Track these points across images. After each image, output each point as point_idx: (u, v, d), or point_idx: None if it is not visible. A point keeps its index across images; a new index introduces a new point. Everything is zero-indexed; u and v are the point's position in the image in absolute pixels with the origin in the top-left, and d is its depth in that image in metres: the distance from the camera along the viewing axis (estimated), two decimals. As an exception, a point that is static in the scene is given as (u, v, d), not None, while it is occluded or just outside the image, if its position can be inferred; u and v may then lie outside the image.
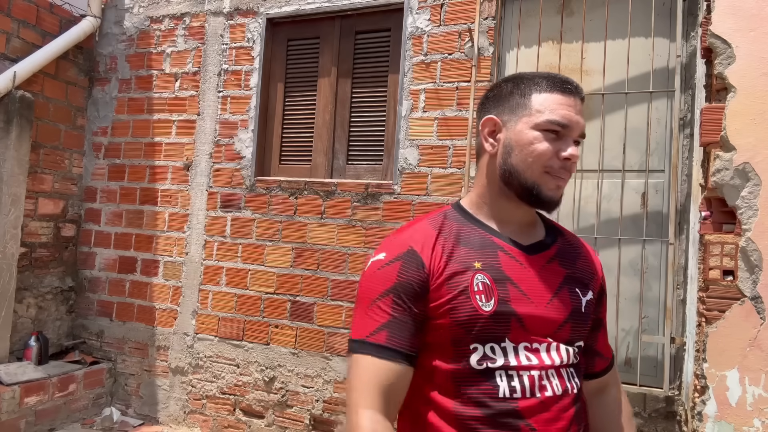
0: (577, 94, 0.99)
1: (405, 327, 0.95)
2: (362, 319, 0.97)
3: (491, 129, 1.03)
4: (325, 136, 3.40)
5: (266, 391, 3.29)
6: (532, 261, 1.01)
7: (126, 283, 3.77)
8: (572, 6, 2.88)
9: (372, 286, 0.98)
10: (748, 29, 1.95)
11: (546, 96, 0.98)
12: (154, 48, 3.83)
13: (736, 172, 1.92)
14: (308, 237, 3.28)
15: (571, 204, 2.80)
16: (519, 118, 0.99)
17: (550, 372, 0.95)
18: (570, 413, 0.95)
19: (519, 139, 0.98)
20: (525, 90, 1.00)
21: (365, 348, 0.94)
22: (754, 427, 1.84)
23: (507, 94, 1.02)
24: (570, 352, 0.99)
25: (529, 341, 0.96)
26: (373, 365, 0.93)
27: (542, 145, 0.96)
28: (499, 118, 1.02)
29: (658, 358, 2.58)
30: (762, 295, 1.87)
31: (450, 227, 1.02)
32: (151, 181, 3.76)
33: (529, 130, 0.97)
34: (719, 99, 1.99)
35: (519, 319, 0.96)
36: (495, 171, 1.02)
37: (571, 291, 1.02)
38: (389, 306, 0.95)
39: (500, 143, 1.01)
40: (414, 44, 3.12)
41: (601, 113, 2.73)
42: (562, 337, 0.99)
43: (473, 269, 0.97)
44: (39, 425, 3.22)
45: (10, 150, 3.32)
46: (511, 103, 1.01)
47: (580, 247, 1.12)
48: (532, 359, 0.95)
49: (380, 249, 1.03)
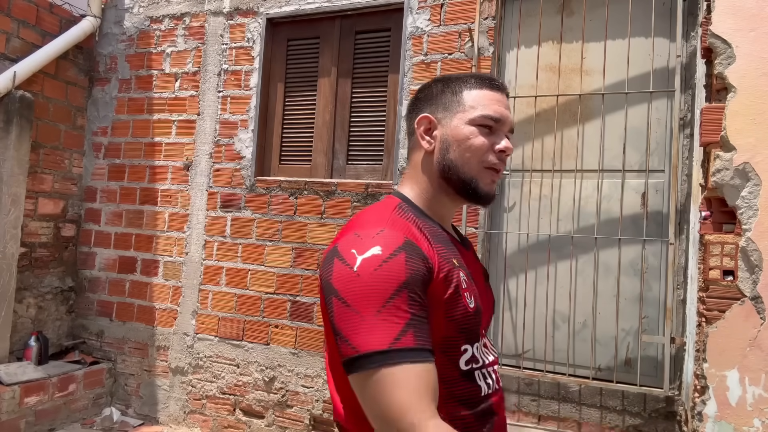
0: (503, 90, 1.02)
1: (425, 323, 0.84)
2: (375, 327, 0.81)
3: (427, 127, 1.04)
4: (325, 136, 3.40)
5: (266, 391, 3.29)
6: (469, 257, 1.05)
7: (126, 283, 3.77)
8: (572, 6, 2.88)
9: (378, 286, 0.83)
10: (748, 29, 1.95)
11: (477, 92, 1.00)
12: (154, 48, 3.83)
13: (736, 172, 1.92)
14: (308, 237, 3.28)
15: (571, 204, 2.80)
16: (453, 115, 1.00)
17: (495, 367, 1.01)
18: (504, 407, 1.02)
19: (456, 135, 0.99)
20: (456, 88, 1.02)
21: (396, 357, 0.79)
22: (754, 427, 1.84)
23: (438, 93, 1.03)
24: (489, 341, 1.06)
25: (482, 337, 1.01)
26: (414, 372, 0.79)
27: (478, 139, 0.98)
28: (433, 116, 1.03)
29: (658, 358, 2.58)
30: (762, 295, 1.87)
31: (416, 221, 0.97)
32: (151, 181, 3.76)
33: (465, 126, 0.99)
34: (719, 99, 1.99)
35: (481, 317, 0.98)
36: (433, 168, 1.02)
37: (487, 284, 1.08)
38: (406, 303, 0.82)
39: (437, 140, 1.02)
40: (414, 44, 3.12)
41: (601, 113, 2.73)
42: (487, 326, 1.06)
43: (455, 266, 0.94)
44: (39, 425, 3.22)
45: (10, 150, 3.32)
46: (443, 101, 1.02)
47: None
48: (486, 355, 1.00)
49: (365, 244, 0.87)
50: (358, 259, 0.85)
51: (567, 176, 2.83)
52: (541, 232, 2.84)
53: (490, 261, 2.95)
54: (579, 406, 2.66)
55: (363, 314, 0.82)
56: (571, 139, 2.83)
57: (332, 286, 0.86)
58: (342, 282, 0.85)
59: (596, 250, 2.71)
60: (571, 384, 2.67)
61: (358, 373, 0.80)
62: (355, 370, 0.81)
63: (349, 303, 0.83)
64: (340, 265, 0.86)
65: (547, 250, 2.80)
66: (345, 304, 0.83)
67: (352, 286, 0.84)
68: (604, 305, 2.69)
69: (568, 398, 2.68)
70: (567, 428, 2.66)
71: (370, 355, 0.79)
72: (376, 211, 0.97)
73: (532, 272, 2.84)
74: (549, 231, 2.83)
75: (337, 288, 0.85)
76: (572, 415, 2.66)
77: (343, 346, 0.82)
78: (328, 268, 0.88)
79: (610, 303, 2.67)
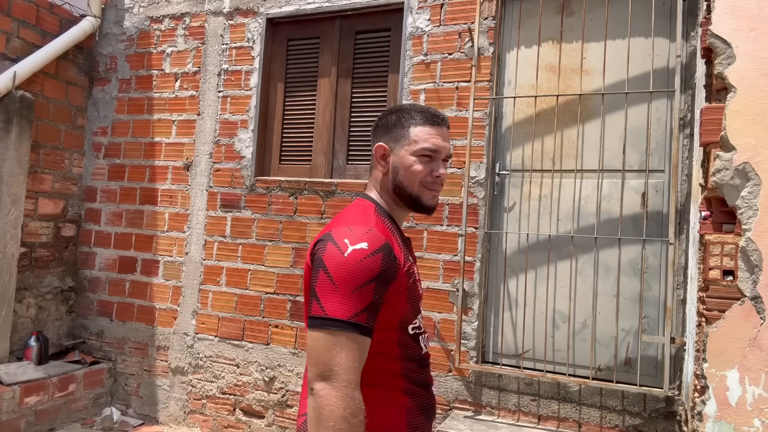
0: (443, 124, 1.31)
1: (376, 309, 1.14)
2: (346, 301, 1.10)
3: (382, 153, 1.32)
4: (325, 136, 3.40)
5: (266, 391, 3.29)
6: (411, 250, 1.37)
7: (126, 283, 3.77)
8: (572, 6, 2.88)
9: (358, 273, 1.12)
10: (748, 29, 1.95)
11: (420, 128, 1.29)
12: (154, 48, 3.83)
13: (736, 172, 1.92)
14: (308, 237, 3.28)
15: (571, 204, 2.80)
16: (402, 147, 1.30)
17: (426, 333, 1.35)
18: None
19: (402, 163, 1.29)
20: (405, 123, 1.30)
21: (350, 327, 1.09)
22: (754, 427, 1.84)
23: (392, 126, 1.32)
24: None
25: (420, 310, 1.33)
26: (357, 343, 1.09)
27: (419, 167, 1.28)
28: (387, 146, 1.32)
29: (658, 358, 2.58)
30: (762, 295, 1.87)
31: (388, 225, 1.28)
32: (151, 181, 3.76)
33: (410, 156, 1.28)
34: (719, 99, 1.99)
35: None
36: (388, 185, 1.32)
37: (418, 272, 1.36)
38: (372, 292, 1.12)
39: (390, 165, 1.31)
40: (414, 44, 3.12)
41: (601, 113, 2.73)
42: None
43: (411, 261, 1.29)
44: (39, 425, 3.22)
45: (10, 150, 3.32)
46: (395, 133, 1.31)
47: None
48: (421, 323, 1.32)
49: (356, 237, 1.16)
50: (349, 249, 1.14)
51: (567, 176, 2.83)
52: (541, 232, 2.84)
53: (490, 261, 2.95)
54: (579, 406, 2.66)
55: (340, 289, 1.10)
56: (571, 139, 2.83)
57: (323, 261, 1.13)
58: (332, 261, 1.13)
59: (596, 250, 2.71)
60: (571, 384, 2.67)
61: (318, 329, 1.10)
62: (317, 326, 1.10)
63: (333, 278, 1.11)
64: (333, 249, 1.14)
65: (547, 250, 2.80)
66: (329, 278, 1.12)
67: (340, 267, 1.12)
68: (604, 305, 2.69)
69: (568, 398, 2.68)
70: (567, 428, 2.67)
71: (334, 319, 1.09)
72: (362, 212, 1.27)
73: (532, 272, 2.84)
74: (549, 231, 2.83)
75: (327, 264, 1.13)
76: (572, 415, 2.66)
77: (315, 307, 1.11)
78: (323, 247, 1.16)
79: (610, 303, 2.67)
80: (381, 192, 1.34)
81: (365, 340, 1.11)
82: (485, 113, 2.94)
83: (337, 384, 1.06)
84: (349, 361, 1.07)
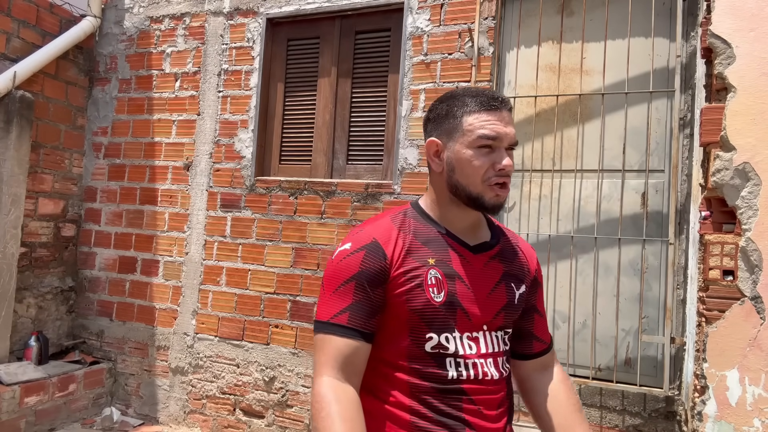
0: (503, 108, 1.11)
1: (363, 309, 1.08)
2: (327, 302, 1.10)
3: (435, 150, 1.17)
4: (325, 136, 3.40)
5: (266, 391, 3.29)
6: (477, 259, 1.16)
7: (126, 283, 3.77)
8: (572, 6, 2.88)
9: (337, 273, 1.11)
10: (748, 29, 1.95)
11: (475, 116, 1.10)
12: (154, 48, 3.83)
13: (736, 172, 1.92)
14: (308, 237, 3.28)
15: (571, 204, 2.80)
16: (455, 140, 1.12)
17: (488, 360, 1.12)
18: (503, 393, 1.14)
19: (458, 159, 1.12)
20: (456, 111, 1.13)
21: (329, 328, 1.08)
22: (754, 427, 1.84)
23: (443, 116, 1.15)
24: (500, 338, 1.17)
25: (470, 330, 1.12)
26: (335, 342, 1.06)
27: (478, 161, 1.10)
28: (439, 140, 1.15)
29: (658, 358, 2.58)
30: (762, 295, 1.87)
31: (409, 225, 1.16)
32: (151, 181, 3.76)
33: (465, 150, 1.11)
34: (719, 99, 1.99)
35: (464, 311, 1.12)
36: (443, 184, 1.16)
37: (507, 285, 1.18)
38: (351, 291, 1.09)
39: (444, 162, 1.15)
40: (414, 44, 3.12)
41: (601, 113, 2.73)
42: (495, 325, 1.16)
43: (428, 265, 1.12)
44: (39, 425, 3.22)
45: (10, 150, 3.32)
46: (446, 125, 1.14)
47: (518, 245, 1.27)
48: (473, 347, 1.12)
49: (346, 240, 1.15)
50: (337, 251, 1.14)
51: (567, 176, 2.83)
52: (541, 232, 2.84)
53: (490, 261, 2.95)
54: (579, 406, 2.66)
55: (325, 291, 1.11)
56: (571, 139, 2.83)
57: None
58: (327, 265, 1.15)
59: (596, 250, 2.71)
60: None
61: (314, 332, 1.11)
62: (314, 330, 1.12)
63: (323, 281, 1.13)
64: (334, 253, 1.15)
65: (547, 250, 2.80)
66: (322, 281, 1.14)
67: (327, 270, 1.13)
68: (604, 305, 2.69)
69: (568, 398, 2.68)
70: (567, 428, 2.66)
71: (318, 322, 1.10)
72: (382, 213, 1.22)
73: (532, 272, 2.83)
74: (549, 231, 2.83)
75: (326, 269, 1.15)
76: (572, 415, 2.66)
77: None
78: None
79: (610, 303, 2.67)
80: (431, 192, 1.21)
81: (346, 341, 1.06)
82: (485, 113, 2.94)
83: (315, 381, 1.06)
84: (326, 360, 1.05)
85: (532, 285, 1.25)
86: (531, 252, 1.30)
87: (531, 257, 1.28)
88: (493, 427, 1.10)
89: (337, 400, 1.02)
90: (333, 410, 1.01)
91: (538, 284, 1.28)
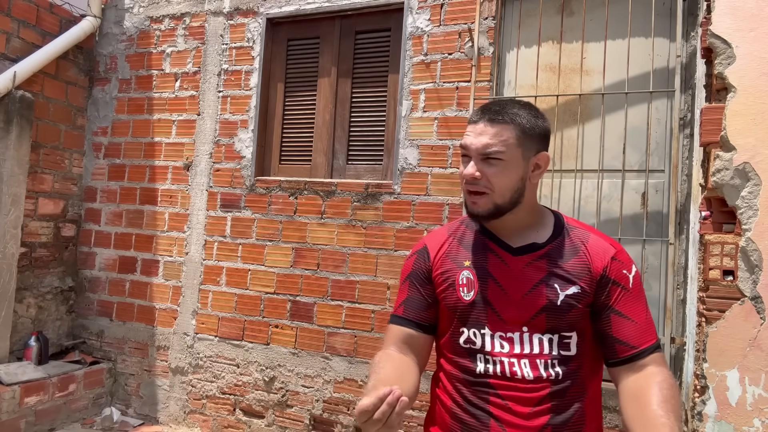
0: (480, 119, 1.17)
1: (415, 303, 1.28)
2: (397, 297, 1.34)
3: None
4: (325, 136, 3.40)
5: (266, 391, 3.29)
6: (516, 261, 1.21)
7: (126, 283, 3.77)
8: (572, 6, 2.88)
9: (402, 273, 1.34)
10: (748, 29, 1.95)
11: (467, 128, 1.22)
12: (154, 48, 3.83)
13: (736, 172, 1.92)
14: (308, 237, 3.28)
15: (571, 204, 2.80)
16: None
17: (524, 361, 1.15)
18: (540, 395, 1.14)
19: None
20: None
21: (392, 318, 1.32)
22: (754, 427, 1.84)
23: None
24: (547, 341, 1.17)
25: (504, 330, 1.18)
26: (393, 330, 1.29)
27: (460, 169, 1.21)
28: None
29: (658, 358, 2.58)
30: (762, 295, 1.87)
31: (461, 232, 1.31)
32: (151, 181, 3.76)
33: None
34: (719, 99, 1.99)
35: (494, 310, 1.19)
36: None
37: (548, 286, 1.17)
38: (407, 288, 1.31)
39: None
40: (414, 44, 3.12)
41: (601, 113, 2.73)
42: (539, 327, 1.17)
43: (463, 267, 1.24)
44: (39, 425, 3.22)
45: (10, 150, 3.32)
46: None
47: (584, 244, 1.23)
48: (505, 347, 1.17)
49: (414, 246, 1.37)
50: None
51: (567, 176, 2.83)
52: (541, 232, 2.84)
53: (490, 261, 2.95)
54: (579, 406, 2.66)
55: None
56: (571, 139, 2.83)
57: None
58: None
59: (596, 250, 2.70)
60: (571, 384, 2.66)
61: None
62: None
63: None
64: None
65: (547, 250, 2.80)
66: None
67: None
68: (604, 305, 2.68)
69: (568, 398, 2.68)
70: (567, 428, 2.66)
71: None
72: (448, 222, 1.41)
73: (532, 272, 2.83)
74: (549, 231, 2.82)
75: None
76: (572, 415, 2.66)
77: None
78: None
79: (610, 303, 2.67)
80: None
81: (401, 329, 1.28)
82: (485, 113, 2.94)
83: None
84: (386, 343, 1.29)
85: (600, 285, 1.19)
86: (601, 251, 1.21)
87: (598, 257, 1.20)
88: (524, 424, 1.13)
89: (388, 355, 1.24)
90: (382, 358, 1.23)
91: (609, 283, 1.19)
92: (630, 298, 1.19)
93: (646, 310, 1.20)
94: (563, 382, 1.16)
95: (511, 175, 1.16)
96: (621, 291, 1.19)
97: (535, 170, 1.20)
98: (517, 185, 1.17)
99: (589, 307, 1.19)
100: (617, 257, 1.21)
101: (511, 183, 1.17)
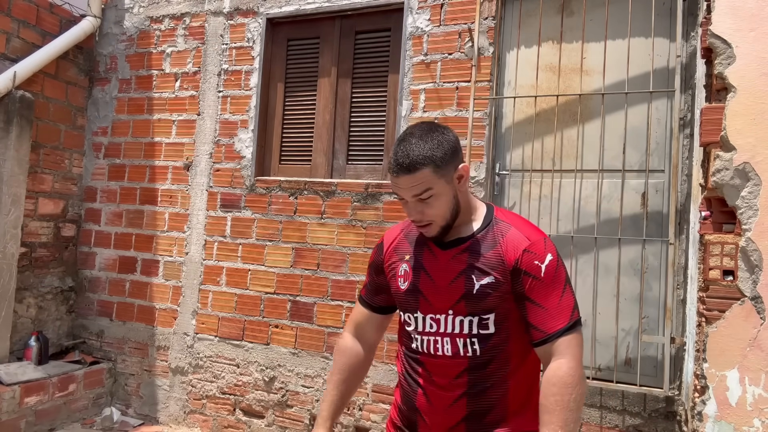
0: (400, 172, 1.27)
1: (371, 288, 1.54)
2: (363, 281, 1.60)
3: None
4: (325, 136, 3.40)
5: (266, 391, 3.29)
6: (444, 254, 1.38)
7: (126, 283, 3.77)
8: (572, 6, 2.88)
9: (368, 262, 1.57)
10: (748, 29, 1.95)
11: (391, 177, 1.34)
12: (154, 48, 3.83)
13: (736, 172, 1.92)
14: (308, 237, 3.28)
15: (571, 204, 2.80)
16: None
17: (446, 339, 1.35)
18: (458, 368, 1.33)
19: None
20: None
21: (358, 298, 1.59)
22: (754, 427, 1.84)
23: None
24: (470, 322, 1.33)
25: (433, 313, 1.37)
26: (356, 307, 1.58)
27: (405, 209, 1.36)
28: None
29: (658, 358, 2.58)
30: (762, 295, 1.87)
31: (410, 228, 1.47)
32: (151, 181, 3.76)
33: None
34: (719, 99, 1.99)
35: (425, 297, 1.38)
36: None
37: (467, 277, 1.33)
38: (368, 274, 1.56)
39: None
40: (414, 44, 3.12)
41: (601, 113, 2.73)
42: (461, 311, 1.34)
43: (404, 260, 1.44)
44: (39, 425, 3.22)
45: (10, 150, 3.32)
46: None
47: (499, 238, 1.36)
48: (434, 327, 1.37)
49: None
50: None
51: (567, 176, 2.83)
52: (541, 232, 2.84)
53: (490, 261, 2.95)
54: (579, 406, 2.65)
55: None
56: (571, 139, 2.83)
57: None
58: None
59: (596, 250, 2.71)
60: (571, 384, 2.66)
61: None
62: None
63: None
64: None
65: (547, 250, 2.79)
66: None
67: None
68: (604, 305, 2.69)
69: (568, 398, 2.68)
70: (567, 428, 2.66)
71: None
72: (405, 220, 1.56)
73: (532, 272, 2.83)
74: (549, 231, 2.82)
75: None
76: (572, 415, 2.66)
77: None
78: None
79: (610, 303, 2.67)
80: None
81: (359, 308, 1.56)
82: (485, 113, 2.94)
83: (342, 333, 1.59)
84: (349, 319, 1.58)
85: (513, 275, 1.31)
86: (515, 244, 1.33)
87: (512, 249, 1.32)
88: (442, 394, 1.35)
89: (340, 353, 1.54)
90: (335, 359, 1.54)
91: (521, 274, 1.30)
92: (541, 287, 1.30)
93: (559, 297, 1.30)
94: (482, 357, 1.32)
95: (444, 200, 1.30)
96: (532, 280, 1.31)
97: (460, 182, 1.33)
98: (452, 204, 1.32)
99: (511, 294, 1.33)
100: (530, 249, 1.32)
101: (448, 206, 1.31)
